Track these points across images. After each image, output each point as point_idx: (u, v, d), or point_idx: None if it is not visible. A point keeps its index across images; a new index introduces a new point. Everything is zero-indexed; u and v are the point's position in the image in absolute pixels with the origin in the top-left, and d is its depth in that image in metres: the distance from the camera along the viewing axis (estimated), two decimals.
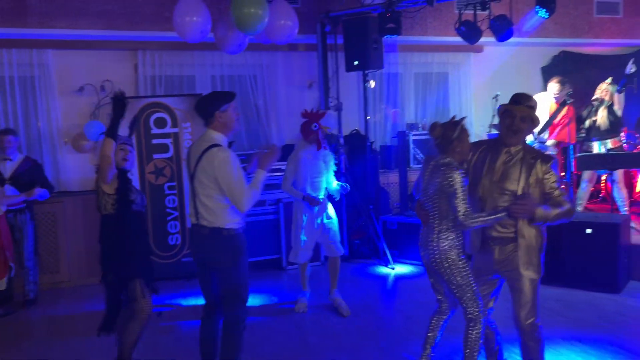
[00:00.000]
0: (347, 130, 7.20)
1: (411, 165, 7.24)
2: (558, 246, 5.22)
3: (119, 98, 3.40)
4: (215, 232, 3.20)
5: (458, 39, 6.30)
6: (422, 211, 3.16)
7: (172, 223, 5.96)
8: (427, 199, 3.11)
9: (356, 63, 6.52)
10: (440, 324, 3.29)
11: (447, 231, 3.03)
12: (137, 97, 6.11)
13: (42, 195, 5.07)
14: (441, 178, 2.97)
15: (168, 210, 5.94)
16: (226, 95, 3.30)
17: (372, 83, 7.24)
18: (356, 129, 7.26)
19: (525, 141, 3.15)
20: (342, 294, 4.96)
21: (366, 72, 6.76)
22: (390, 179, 7.29)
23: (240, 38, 5.36)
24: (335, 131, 6.76)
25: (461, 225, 2.94)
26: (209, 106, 3.22)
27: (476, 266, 3.22)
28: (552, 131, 6.43)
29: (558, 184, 3.00)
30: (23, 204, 5.15)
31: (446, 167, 2.96)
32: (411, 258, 6.20)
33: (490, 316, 3.27)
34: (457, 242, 3.05)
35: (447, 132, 3.03)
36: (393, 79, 7.71)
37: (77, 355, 4.15)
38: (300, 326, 4.58)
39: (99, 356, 3.99)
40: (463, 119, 3.09)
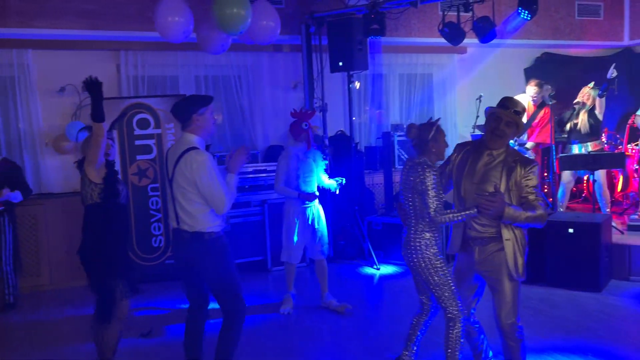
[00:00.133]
0: (332, 131, 7.20)
1: (396, 166, 7.27)
2: (541, 246, 5.28)
3: (91, 81, 3.30)
4: (196, 237, 3.20)
5: (442, 40, 6.33)
6: (402, 211, 3.25)
7: (156, 225, 5.90)
8: (405, 199, 3.19)
9: (341, 64, 6.53)
10: (421, 323, 3.36)
11: (423, 231, 3.11)
12: (120, 98, 6.06)
13: (14, 197, 4.98)
14: (414, 176, 3.08)
15: (151, 212, 5.89)
16: (204, 98, 3.33)
17: (357, 84, 7.25)
18: (341, 130, 7.26)
19: (508, 144, 3.16)
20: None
21: (351, 73, 6.77)
22: (375, 180, 7.30)
23: (223, 38, 5.34)
24: (320, 132, 6.76)
25: (433, 221, 3.03)
26: (187, 109, 3.23)
27: (458, 266, 3.26)
28: (531, 133, 6.51)
29: (537, 189, 3.02)
30: (1, 207, 5.06)
31: (420, 166, 3.07)
32: (396, 258, 6.21)
33: (474, 316, 3.29)
34: (434, 241, 3.12)
35: (423, 133, 3.12)
36: (378, 80, 7.73)
37: None
38: (285, 327, 4.56)
39: None
40: (438, 120, 3.18)
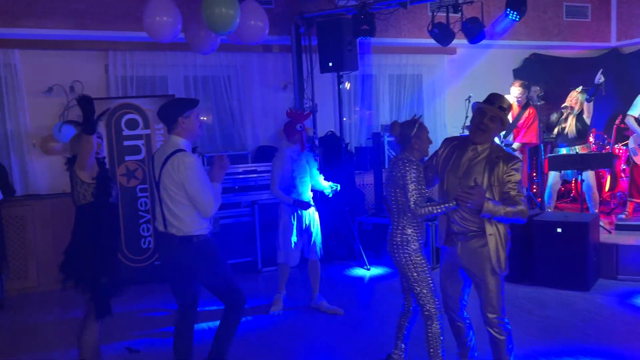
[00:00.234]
0: (322, 131, 7.20)
1: (386, 166, 7.25)
2: (530, 245, 5.31)
3: (82, 97, 3.26)
4: (185, 241, 3.20)
5: (432, 41, 6.35)
6: (388, 207, 3.34)
7: (144, 226, 5.87)
8: (389, 195, 3.27)
9: (330, 64, 6.53)
10: (407, 321, 3.46)
11: (405, 227, 3.19)
12: (108, 98, 6.01)
13: None
14: (395, 171, 3.16)
15: (140, 213, 5.85)
16: (190, 101, 3.33)
17: (348, 85, 7.25)
18: (331, 131, 7.26)
19: (493, 141, 3.21)
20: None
21: (341, 74, 6.77)
22: (365, 180, 7.31)
23: (211, 38, 5.32)
24: (311, 132, 6.76)
25: (413, 214, 3.11)
26: (172, 112, 3.22)
27: (445, 261, 3.32)
28: (517, 134, 6.57)
29: (519, 186, 3.05)
30: None
31: (401, 161, 3.15)
32: (387, 259, 6.22)
33: (465, 311, 3.33)
34: (416, 237, 3.19)
35: (406, 130, 3.20)
36: (367, 81, 7.74)
37: None
38: (275, 328, 4.55)
39: None
40: (420, 117, 3.26)
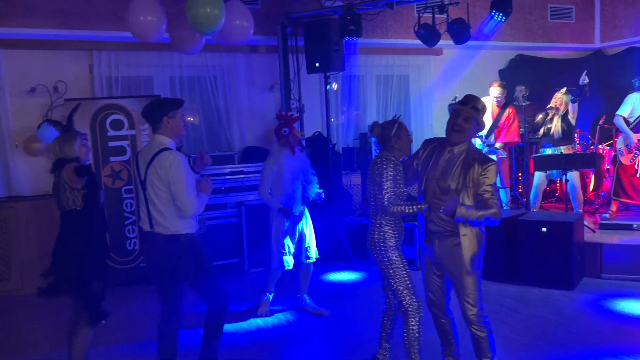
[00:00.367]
0: (309, 132, 7.18)
1: None
2: (515, 245, 5.35)
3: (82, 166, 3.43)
4: (172, 240, 3.19)
5: (418, 42, 6.37)
6: (368, 205, 3.38)
7: (130, 227, 5.82)
8: (368, 193, 3.31)
9: (317, 65, 6.52)
10: (389, 319, 3.50)
11: (382, 224, 3.23)
12: (93, 99, 5.95)
13: None
14: (373, 170, 3.21)
15: (125, 214, 5.80)
16: (175, 101, 3.35)
17: (335, 85, 7.25)
18: (318, 131, 7.25)
19: (470, 142, 3.25)
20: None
21: (327, 74, 6.77)
22: (352, 181, 7.32)
23: (196, 38, 5.28)
24: (299, 135, 6.72)
25: (386, 211, 3.15)
26: (157, 111, 3.23)
27: (425, 259, 3.37)
28: (499, 134, 6.63)
29: (493, 187, 3.08)
30: None
31: (379, 159, 3.20)
32: (373, 259, 6.22)
33: (449, 307, 3.37)
34: (392, 235, 3.23)
35: (385, 131, 3.24)
36: (354, 81, 7.74)
37: None
38: (262, 329, 4.54)
39: None
40: (399, 117, 3.31)
